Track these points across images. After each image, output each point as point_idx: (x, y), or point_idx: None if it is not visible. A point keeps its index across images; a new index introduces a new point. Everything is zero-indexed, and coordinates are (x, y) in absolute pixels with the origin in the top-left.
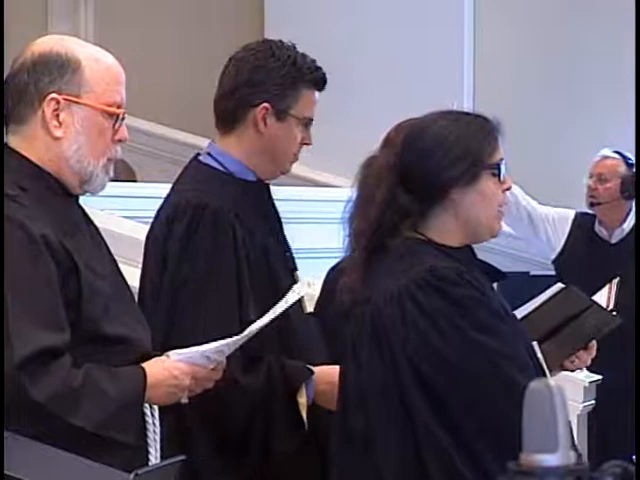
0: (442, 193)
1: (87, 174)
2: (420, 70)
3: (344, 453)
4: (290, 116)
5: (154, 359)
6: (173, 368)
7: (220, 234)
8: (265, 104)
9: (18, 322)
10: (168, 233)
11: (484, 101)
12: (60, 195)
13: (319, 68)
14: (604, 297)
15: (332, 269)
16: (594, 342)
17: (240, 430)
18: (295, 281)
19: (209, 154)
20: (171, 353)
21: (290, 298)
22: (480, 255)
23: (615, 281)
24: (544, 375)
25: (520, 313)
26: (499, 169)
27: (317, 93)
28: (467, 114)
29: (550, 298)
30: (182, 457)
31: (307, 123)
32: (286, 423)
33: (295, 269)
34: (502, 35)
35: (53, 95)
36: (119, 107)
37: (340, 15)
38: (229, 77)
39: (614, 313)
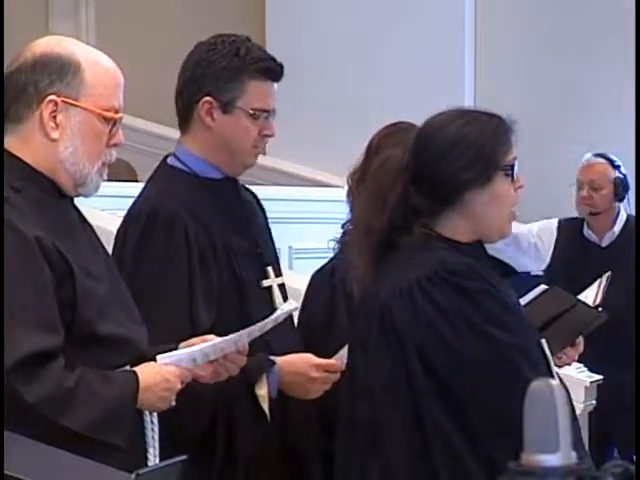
0: (456, 195)
1: (82, 177)
2: (421, 69)
3: (350, 445)
4: (236, 108)
5: (145, 363)
6: (165, 372)
7: (173, 238)
8: (207, 98)
9: (11, 325)
10: (125, 235)
11: (485, 100)
12: (54, 196)
13: (265, 58)
14: (593, 292)
15: (317, 272)
16: (581, 339)
17: (204, 435)
18: (267, 276)
19: (174, 155)
20: (159, 357)
21: (280, 316)
22: None
23: (606, 276)
24: (551, 370)
25: None
26: (512, 169)
27: (273, 84)
28: (482, 113)
29: (534, 299)
30: (183, 457)
31: (261, 114)
32: (248, 417)
33: (269, 264)
34: (503, 34)
35: (52, 97)
36: (116, 112)
37: (340, 13)
38: (179, 76)
39: (600, 309)
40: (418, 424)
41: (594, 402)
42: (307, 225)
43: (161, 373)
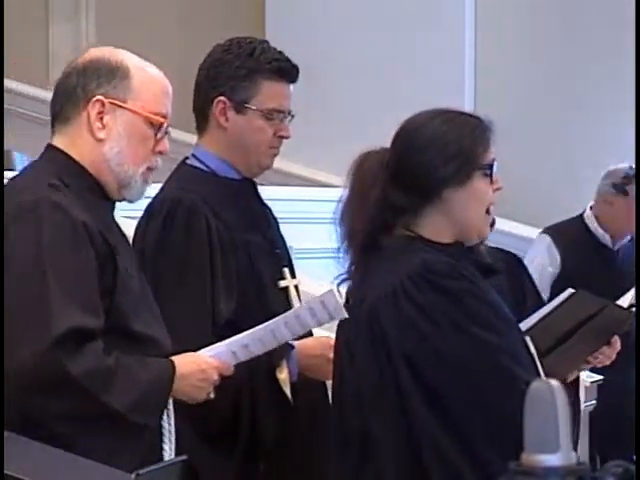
0: (434, 192)
1: (126, 178)
2: (422, 70)
3: (342, 454)
4: (250, 109)
5: (183, 354)
6: (201, 362)
7: (194, 229)
8: (220, 97)
9: (56, 301)
10: (146, 229)
11: (485, 101)
12: (98, 197)
13: (279, 59)
14: (629, 295)
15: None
16: (617, 337)
17: (228, 420)
18: (283, 277)
19: (193, 155)
20: (199, 352)
21: (325, 319)
22: None
23: None
24: (537, 368)
25: (531, 320)
26: (491, 169)
27: (288, 85)
28: (461, 114)
29: (561, 303)
30: (184, 457)
31: (275, 115)
32: (271, 401)
33: (285, 266)
34: (503, 35)
35: (98, 97)
36: (164, 117)
37: (340, 14)
38: (196, 76)
39: (632, 309)
40: (408, 429)
41: (594, 402)
42: (307, 225)
43: (197, 363)
